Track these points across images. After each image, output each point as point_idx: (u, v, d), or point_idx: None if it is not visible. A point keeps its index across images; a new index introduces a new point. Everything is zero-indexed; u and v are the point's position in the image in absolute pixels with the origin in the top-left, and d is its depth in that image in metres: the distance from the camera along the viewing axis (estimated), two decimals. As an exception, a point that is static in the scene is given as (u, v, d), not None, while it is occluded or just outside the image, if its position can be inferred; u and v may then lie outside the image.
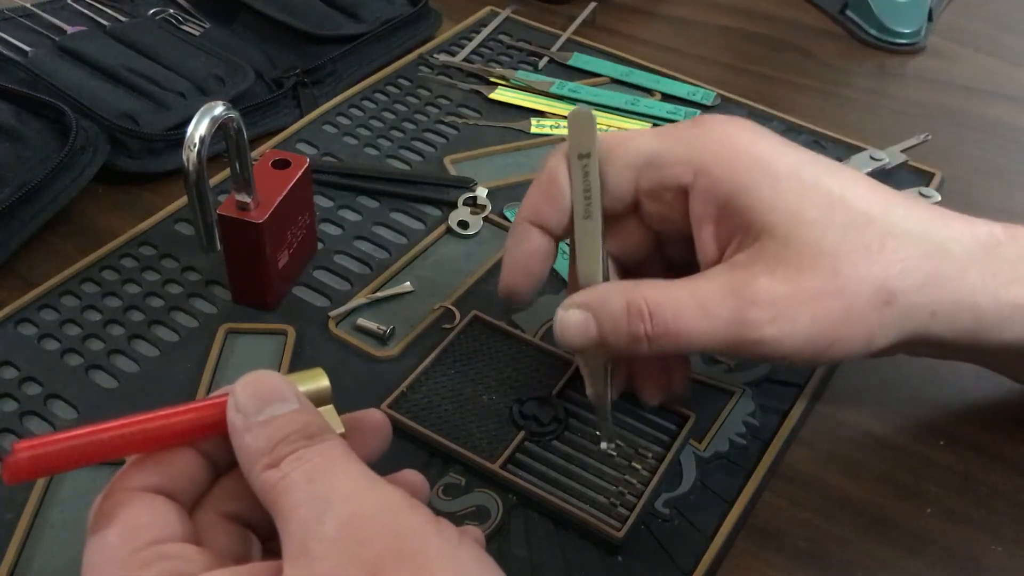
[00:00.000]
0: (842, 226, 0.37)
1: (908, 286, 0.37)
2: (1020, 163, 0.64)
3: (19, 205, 0.53)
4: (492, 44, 0.71)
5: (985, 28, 0.78)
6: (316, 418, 0.31)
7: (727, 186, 0.38)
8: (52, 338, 0.49)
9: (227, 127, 0.45)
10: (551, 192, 0.41)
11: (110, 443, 0.29)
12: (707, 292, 0.37)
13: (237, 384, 0.31)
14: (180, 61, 0.64)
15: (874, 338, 0.37)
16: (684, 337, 0.37)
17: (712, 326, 0.36)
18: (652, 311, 0.37)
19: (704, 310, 0.36)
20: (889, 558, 0.41)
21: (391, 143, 0.62)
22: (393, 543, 0.27)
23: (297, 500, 0.28)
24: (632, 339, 0.37)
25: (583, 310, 0.38)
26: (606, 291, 0.38)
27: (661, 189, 0.40)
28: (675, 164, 0.39)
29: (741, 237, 0.38)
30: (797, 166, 0.38)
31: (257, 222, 0.46)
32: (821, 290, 0.36)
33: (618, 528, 0.40)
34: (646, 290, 0.37)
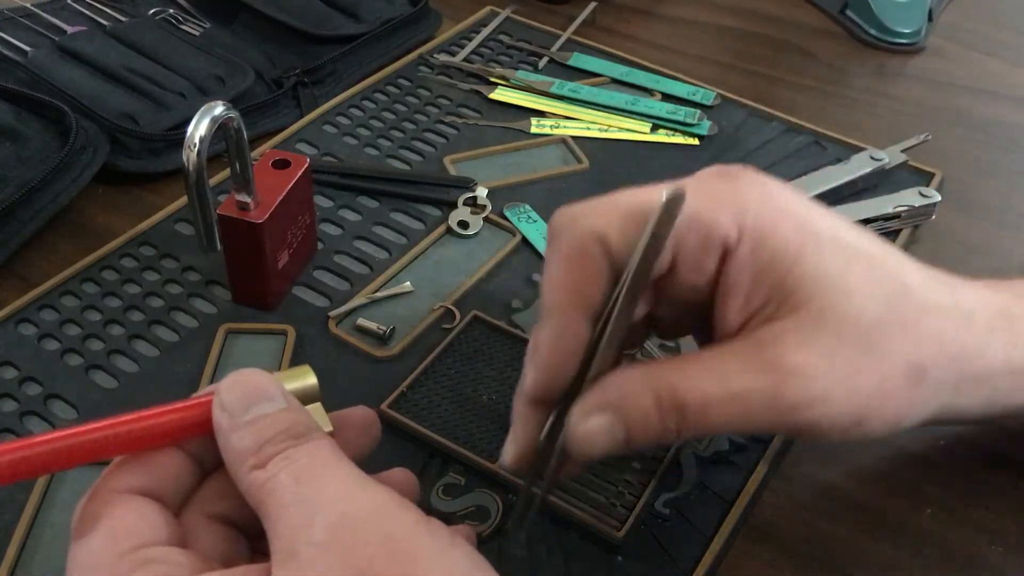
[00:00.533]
0: (884, 298, 0.34)
1: (939, 363, 0.35)
2: (1020, 163, 0.64)
3: (19, 205, 0.53)
4: (492, 44, 0.71)
5: (985, 28, 0.78)
6: (303, 417, 0.30)
7: (768, 252, 0.34)
8: (52, 338, 0.49)
9: (227, 127, 0.45)
10: (592, 272, 0.34)
11: (93, 444, 0.29)
12: (735, 376, 0.33)
13: (222, 383, 0.30)
14: (180, 61, 0.64)
15: (902, 417, 0.35)
16: (717, 425, 0.34)
17: (746, 411, 0.33)
18: (682, 400, 0.33)
19: (737, 394, 0.33)
20: (889, 558, 0.41)
21: (391, 143, 0.62)
22: (384, 545, 0.26)
23: (285, 502, 0.28)
24: (663, 433, 0.33)
25: (607, 413, 0.33)
26: (628, 386, 0.34)
27: (704, 254, 0.35)
28: (722, 222, 0.34)
29: (773, 308, 0.34)
30: (836, 232, 0.35)
31: (257, 222, 0.46)
32: (856, 365, 0.34)
33: (618, 528, 0.40)
34: (670, 376, 0.34)
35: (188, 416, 0.30)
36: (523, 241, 0.55)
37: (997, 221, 0.59)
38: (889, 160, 0.59)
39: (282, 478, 0.28)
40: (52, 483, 0.42)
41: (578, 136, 0.63)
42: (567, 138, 0.62)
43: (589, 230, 0.35)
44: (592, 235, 0.34)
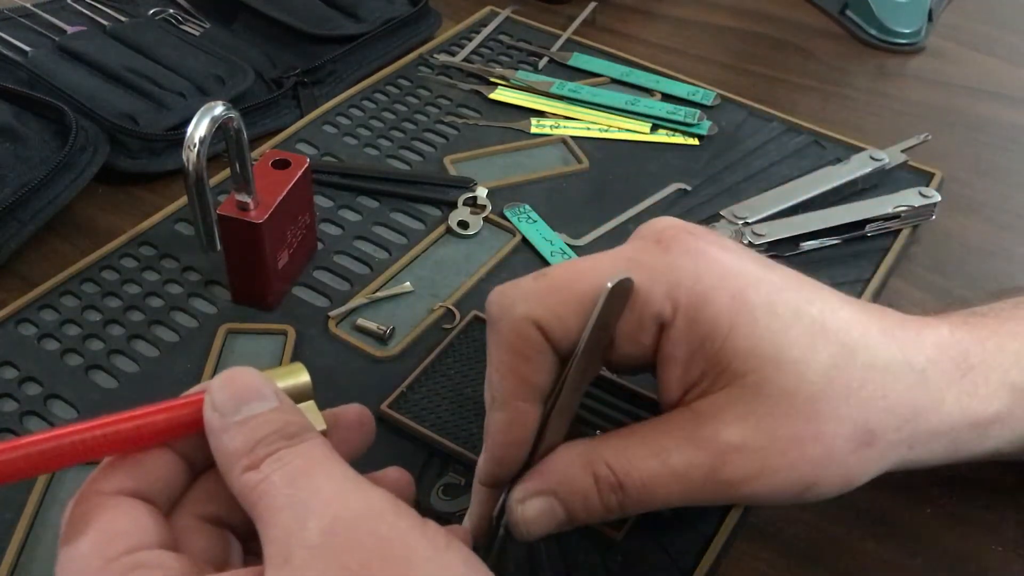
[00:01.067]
0: (824, 365, 0.34)
1: (889, 425, 0.35)
2: (1020, 163, 0.64)
3: (19, 205, 0.53)
4: (492, 44, 0.71)
5: (985, 28, 0.78)
6: (296, 416, 0.30)
7: (702, 328, 0.34)
8: (52, 338, 0.49)
9: (227, 127, 0.45)
10: (536, 360, 0.34)
11: (82, 445, 0.28)
12: (675, 454, 0.33)
13: (213, 382, 0.30)
14: (180, 61, 0.64)
15: (852, 479, 0.35)
16: (660, 501, 0.34)
17: (688, 488, 0.34)
18: (621, 480, 0.33)
19: (675, 474, 0.33)
20: (889, 558, 0.41)
21: (391, 143, 0.62)
22: (378, 548, 0.26)
23: (278, 504, 0.27)
24: (605, 510, 0.34)
25: (546, 497, 0.34)
26: (567, 469, 0.34)
27: (640, 330, 0.35)
28: (655, 301, 0.34)
29: (709, 382, 0.34)
30: (771, 298, 0.34)
31: (257, 222, 0.46)
32: (798, 436, 0.33)
33: (618, 528, 0.40)
34: (606, 453, 0.34)
35: (179, 415, 0.30)
36: (523, 241, 0.55)
37: (997, 221, 0.59)
38: (889, 160, 0.59)
39: (275, 480, 0.28)
40: (52, 483, 0.42)
41: (578, 136, 0.63)
42: (567, 138, 0.62)
43: (526, 318, 0.34)
44: (530, 323, 0.34)
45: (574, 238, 0.55)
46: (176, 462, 0.30)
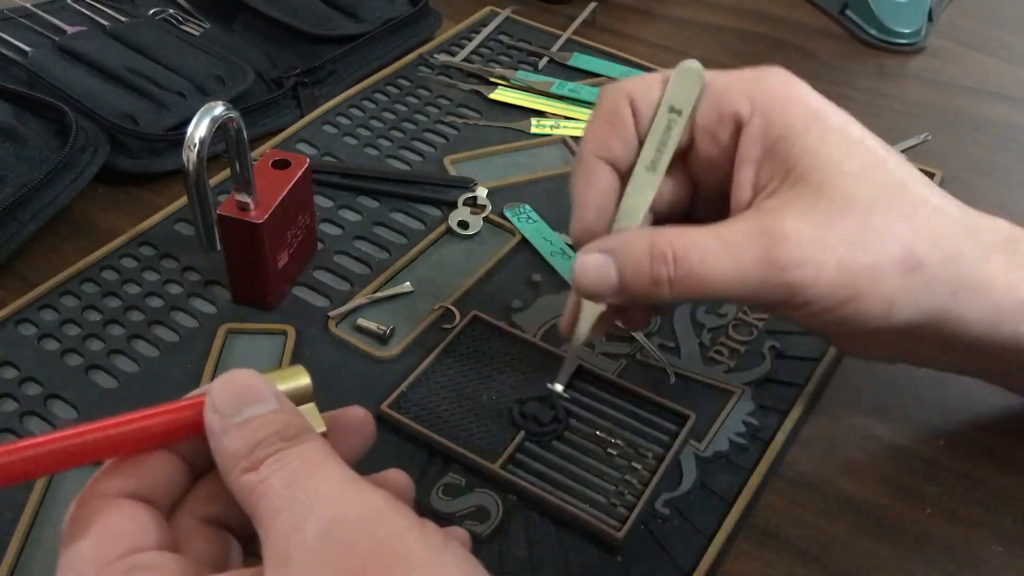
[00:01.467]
0: (880, 184, 0.36)
1: (935, 257, 0.36)
2: (1020, 163, 0.64)
3: (19, 205, 0.53)
4: (492, 44, 0.71)
5: (985, 28, 0.78)
6: (296, 418, 0.30)
7: (778, 128, 0.37)
8: (52, 338, 0.49)
9: (227, 127, 0.45)
10: (618, 127, 0.39)
11: (83, 447, 0.29)
12: (734, 234, 0.36)
13: (214, 384, 0.30)
14: (180, 61, 0.64)
15: (895, 304, 0.36)
16: (709, 280, 0.36)
17: (738, 268, 0.36)
18: (676, 254, 0.36)
19: (730, 252, 0.36)
20: (889, 558, 0.41)
21: (391, 143, 0.62)
22: (376, 550, 0.26)
23: (277, 505, 0.27)
24: (654, 283, 0.36)
25: (604, 254, 0.37)
26: (628, 235, 0.38)
27: (718, 125, 0.39)
28: (736, 98, 0.38)
29: (777, 183, 0.37)
30: (846, 124, 0.38)
31: (257, 222, 0.46)
32: (850, 239, 0.35)
33: (618, 528, 0.40)
34: (670, 233, 0.37)
35: (179, 417, 0.30)
36: (523, 241, 0.55)
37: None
38: (889, 160, 0.59)
39: (274, 481, 0.28)
40: (52, 483, 0.42)
41: (578, 136, 0.63)
42: (567, 138, 0.62)
43: (622, 91, 0.39)
44: (624, 96, 0.39)
45: (574, 238, 0.55)
46: (177, 464, 0.30)
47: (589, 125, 0.40)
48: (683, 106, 0.39)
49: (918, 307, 0.37)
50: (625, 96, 0.39)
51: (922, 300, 0.37)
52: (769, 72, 0.39)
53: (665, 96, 0.39)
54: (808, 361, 0.48)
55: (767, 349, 0.49)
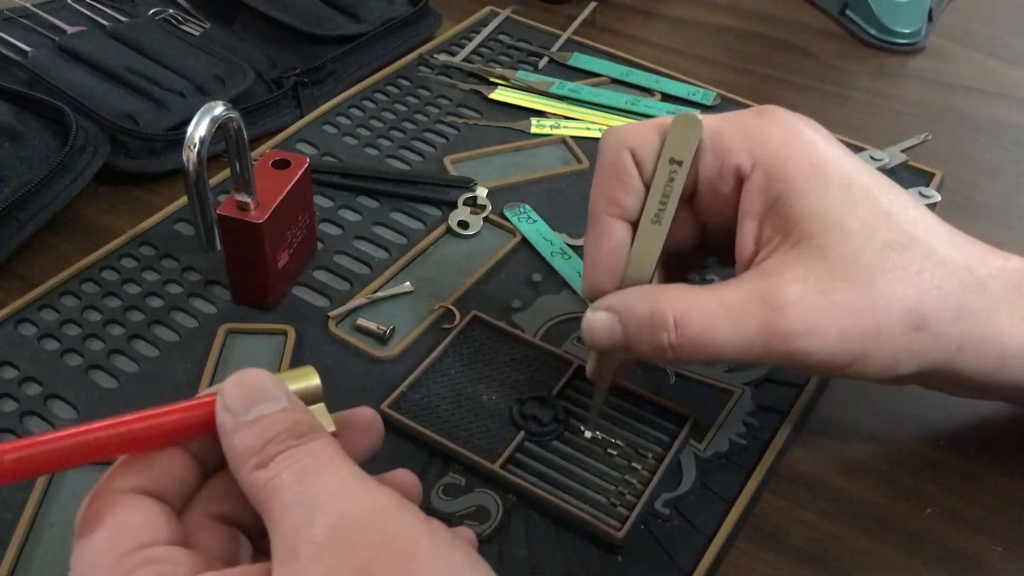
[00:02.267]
0: (883, 243, 0.36)
1: (940, 315, 0.36)
2: (1020, 163, 0.64)
3: (19, 205, 0.53)
4: (492, 44, 0.71)
5: (985, 28, 0.78)
6: (306, 417, 0.30)
7: (778, 185, 0.37)
8: (52, 338, 0.49)
9: (227, 127, 0.45)
10: (623, 180, 0.39)
11: (96, 444, 0.29)
12: (735, 301, 0.36)
13: (226, 383, 0.30)
14: (180, 61, 0.64)
15: (899, 362, 0.36)
16: (710, 348, 0.36)
17: (739, 336, 0.36)
18: (678, 320, 0.36)
19: (731, 319, 0.36)
20: (889, 558, 0.41)
21: (391, 143, 0.62)
22: (383, 546, 0.26)
23: (287, 501, 0.28)
24: (656, 345, 0.37)
25: (610, 313, 0.38)
26: (633, 295, 0.38)
27: (719, 179, 0.39)
28: (736, 152, 0.38)
29: (779, 240, 0.37)
30: (850, 175, 0.37)
31: (257, 222, 0.46)
32: (853, 304, 0.35)
33: (618, 528, 0.40)
34: (673, 297, 0.37)
35: (191, 416, 0.30)
36: (523, 241, 0.55)
37: (997, 221, 0.59)
38: (889, 160, 0.59)
39: (284, 477, 0.28)
40: (52, 483, 0.42)
41: (578, 136, 0.63)
42: (567, 138, 0.62)
43: (623, 143, 0.39)
44: (624, 148, 0.39)
45: (574, 238, 0.55)
46: (188, 462, 0.31)
47: (596, 180, 0.40)
48: (683, 157, 0.39)
49: (922, 363, 0.37)
50: (625, 148, 0.39)
51: (926, 356, 0.37)
52: (771, 119, 0.39)
53: (665, 148, 0.39)
54: (808, 361, 0.48)
55: (767, 349, 0.49)
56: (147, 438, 0.30)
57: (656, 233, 0.39)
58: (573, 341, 0.49)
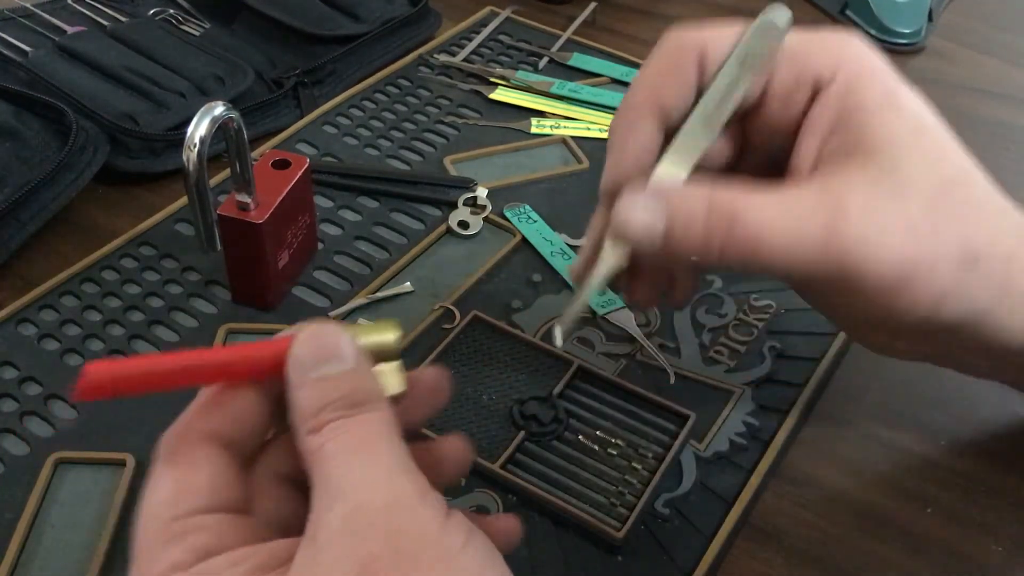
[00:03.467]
0: (947, 176, 0.35)
1: (992, 255, 0.35)
2: (1020, 163, 0.64)
3: (19, 205, 0.53)
4: (492, 44, 0.71)
5: (985, 28, 0.78)
6: (367, 383, 0.29)
7: (856, 98, 0.35)
8: (52, 338, 0.49)
9: (227, 127, 0.45)
10: (678, 77, 0.36)
11: (176, 372, 0.29)
12: (797, 201, 0.34)
13: (300, 333, 0.29)
14: (180, 61, 0.64)
15: (946, 298, 0.34)
16: (765, 247, 0.33)
17: (797, 238, 0.33)
18: (736, 215, 0.33)
19: (791, 219, 0.33)
20: (889, 558, 0.41)
21: (391, 143, 0.62)
22: (390, 543, 0.26)
23: (321, 477, 0.27)
24: (704, 243, 0.33)
25: (655, 199, 0.34)
26: (687, 187, 0.34)
27: (795, 86, 0.36)
28: (819, 60, 0.36)
29: (845, 156, 0.35)
30: (919, 108, 0.37)
31: (257, 222, 0.46)
32: (913, 225, 0.34)
33: (618, 528, 0.40)
34: (731, 191, 0.34)
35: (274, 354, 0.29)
36: (523, 241, 0.55)
37: None
38: (889, 160, 0.59)
39: (328, 449, 0.28)
40: (52, 483, 0.42)
41: (578, 136, 0.63)
42: (567, 138, 0.62)
43: (691, 39, 0.36)
44: (692, 43, 0.36)
45: (574, 238, 0.55)
46: (265, 409, 0.30)
47: (644, 70, 0.37)
48: (757, 62, 0.35)
49: (966, 305, 0.35)
50: (694, 44, 0.36)
51: (972, 298, 0.35)
52: (850, 38, 0.37)
53: (739, 49, 0.35)
54: (808, 361, 0.48)
55: (767, 349, 0.49)
56: (226, 371, 0.29)
57: (703, 136, 0.35)
58: (573, 340, 0.49)
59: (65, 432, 0.44)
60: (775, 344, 0.49)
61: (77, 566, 0.39)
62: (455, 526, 0.27)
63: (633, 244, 0.35)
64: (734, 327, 0.50)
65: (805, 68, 0.36)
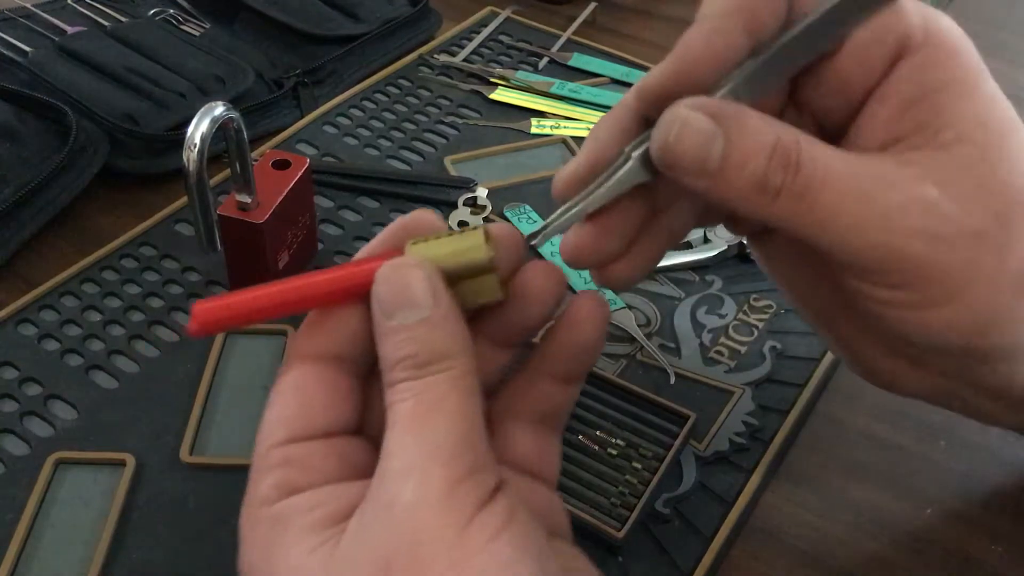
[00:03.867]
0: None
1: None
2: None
3: (19, 205, 0.53)
4: (492, 44, 0.71)
5: (985, 28, 0.77)
6: (441, 334, 0.28)
7: (943, 73, 0.30)
8: (52, 338, 0.49)
9: (227, 127, 0.45)
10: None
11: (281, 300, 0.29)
12: (866, 170, 0.29)
13: (380, 271, 0.29)
14: (180, 61, 0.64)
15: (994, 317, 0.31)
16: (820, 207, 0.29)
17: (858, 210, 0.29)
18: (802, 161, 0.29)
19: (856, 184, 0.29)
20: (889, 558, 0.41)
21: (391, 143, 0.62)
22: (410, 545, 0.26)
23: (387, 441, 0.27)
24: (759, 186, 0.29)
25: (716, 122, 0.29)
26: (750, 112, 0.29)
27: (876, 42, 0.30)
28: (911, 21, 0.30)
29: (921, 137, 0.30)
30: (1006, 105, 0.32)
31: (257, 222, 0.46)
32: (986, 233, 0.30)
33: (618, 528, 0.40)
34: (800, 133, 0.29)
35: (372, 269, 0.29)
36: (523, 241, 0.55)
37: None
38: (889, 160, 0.59)
39: (393, 413, 0.27)
40: (52, 483, 0.42)
41: (578, 136, 0.63)
42: (567, 138, 0.62)
43: None
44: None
45: (574, 238, 0.54)
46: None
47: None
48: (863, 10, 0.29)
49: (1013, 341, 0.31)
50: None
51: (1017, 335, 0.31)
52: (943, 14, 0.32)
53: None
54: (808, 361, 0.48)
55: (767, 349, 0.49)
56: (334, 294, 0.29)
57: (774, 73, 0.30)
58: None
59: (65, 432, 0.44)
60: (775, 344, 0.49)
61: (77, 566, 0.39)
62: (482, 523, 0.27)
63: (674, 167, 0.29)
64: (734, 327, 0.50)
65: (892, 25, 0.30)
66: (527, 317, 0.30)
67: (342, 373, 0.30)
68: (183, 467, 0.43)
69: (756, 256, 0.38)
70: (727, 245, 0.53)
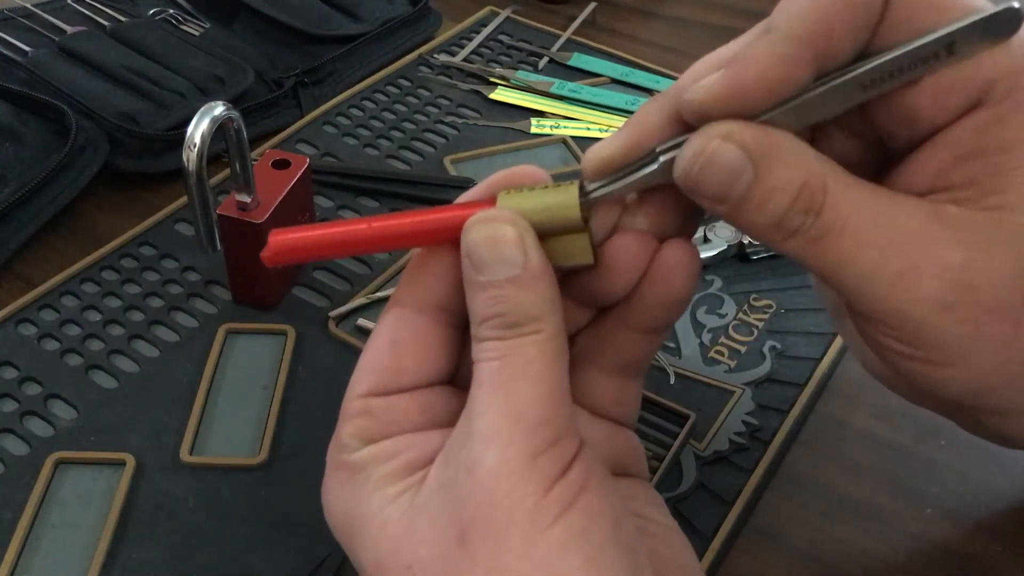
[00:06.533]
0: None
1: None
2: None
3: (19, 205, 0.53)
4: (492, 44, 0.71)
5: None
6: (532, 295, 0.27)
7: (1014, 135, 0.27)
8: (52, 338, 0.49)
9: (227, 127, 0.45)
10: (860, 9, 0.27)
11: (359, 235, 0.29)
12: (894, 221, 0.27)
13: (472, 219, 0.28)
14: (180, 61, 0.64)
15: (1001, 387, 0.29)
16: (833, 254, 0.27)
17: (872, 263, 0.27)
18: (825, 206, 0.27)
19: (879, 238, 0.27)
20: (889, 558, 0.41)
21: (391, 143, 0.62)
22: (487, 512, 0.26)
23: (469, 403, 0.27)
24: (776, 224, 0.27)
25: (747, 154, 0.27)
26: (787, 146, 0.27)
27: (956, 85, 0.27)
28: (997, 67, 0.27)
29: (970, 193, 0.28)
30: None
31: (257, 222, 0.46)
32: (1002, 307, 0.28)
33: (618, 528, 0.40)
34: (832, 170, 0.27)
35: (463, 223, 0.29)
36: (523, 241, 0.55)
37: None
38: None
39: (480, 373, 0.27)
40: (52, 483, 0.42)
41: (578, 136, 0.63)
42: (567, 138, 0.62)
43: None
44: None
45: (574, 238, 0.55)
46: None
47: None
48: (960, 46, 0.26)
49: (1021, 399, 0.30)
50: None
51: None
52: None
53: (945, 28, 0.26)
54: (808, 361, 0.48)
55: (767, 349, 0.49)
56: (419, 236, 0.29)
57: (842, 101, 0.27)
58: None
59: (65, 432, 0.44)
60: (775, 344, 0.49)
61: (77, 566, 0.39)
62: (555, 497, 0.26)
63: (694, 194, 0.28)
64: (734, 327, 0.50)
65: (977, 70, 0.27)
66: (615, 285, 0.29)
67: (440, 324, 0.30)
68: (183, 467, 0.43)
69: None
70: (727, 245, 0.53)
